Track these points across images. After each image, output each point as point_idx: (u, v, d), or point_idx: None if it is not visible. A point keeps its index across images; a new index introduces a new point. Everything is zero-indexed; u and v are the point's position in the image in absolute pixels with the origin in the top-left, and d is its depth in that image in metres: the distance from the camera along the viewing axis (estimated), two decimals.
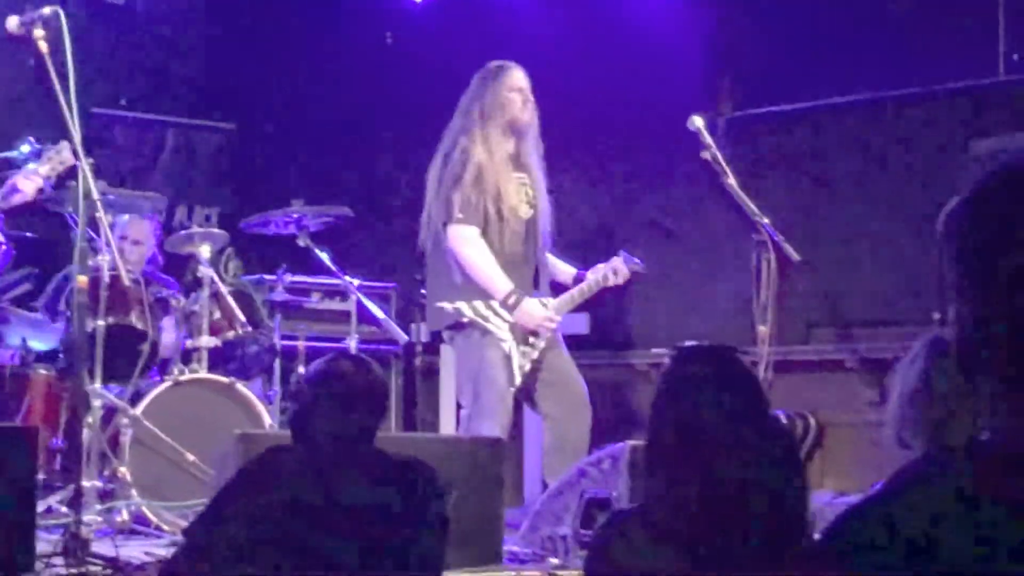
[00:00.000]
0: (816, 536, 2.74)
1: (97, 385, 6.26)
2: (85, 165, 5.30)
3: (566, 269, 6.66)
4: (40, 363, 6.68)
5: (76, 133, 5.30)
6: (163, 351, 6.91)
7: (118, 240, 6.82)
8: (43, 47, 5.29)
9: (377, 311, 7.00)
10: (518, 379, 6.30)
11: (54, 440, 6.45)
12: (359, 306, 7.17)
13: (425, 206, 6.42)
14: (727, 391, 2.86)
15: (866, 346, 7.77)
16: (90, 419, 6.10)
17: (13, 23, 5.39)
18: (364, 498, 3.54)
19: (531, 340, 6.34)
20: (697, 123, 6.15)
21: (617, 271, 6.50)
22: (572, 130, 7.54)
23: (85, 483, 5.61)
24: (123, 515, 6.16)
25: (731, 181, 6.15)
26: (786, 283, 6.30)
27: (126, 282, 6.24)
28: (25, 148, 6.23)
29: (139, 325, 6.72)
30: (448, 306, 6.33)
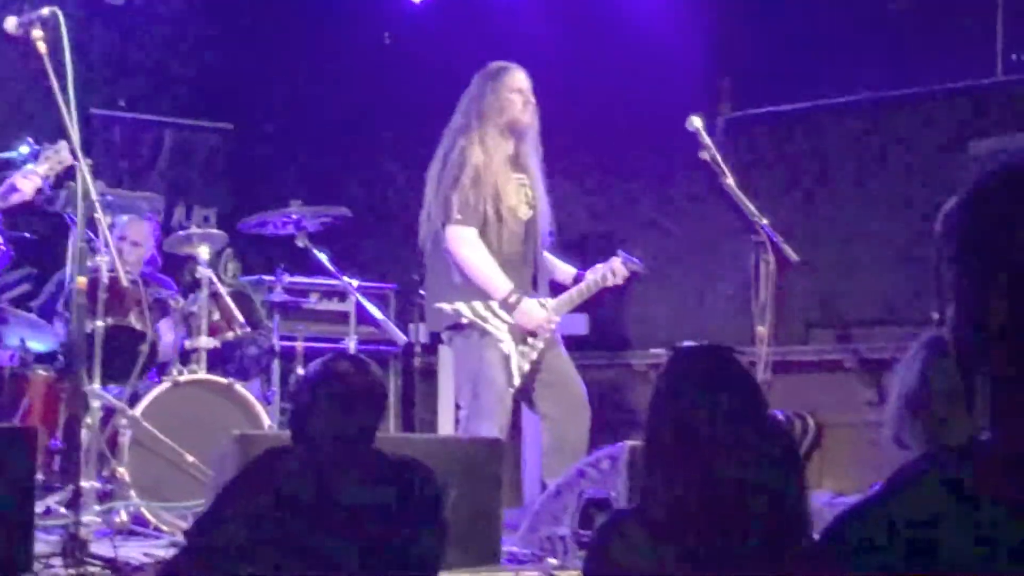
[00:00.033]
0: (815, 536, 2.74)
1: (96, 386, 6.26)
2: (84, 166, 5.30)
3: (565, 269, 6.66)
4: (39, 364, 6.67)
5: (75, 134, 5.30)
6: (161, 355, 6.92)
7: (117, 241, 6.82)
8: (42, 48, 5.29)
9: (376, 312, 7.00)
10: (517, 380, 6.30)
11: (53, 441, 6.45)
12: (358, 307, 7.18)
13: (424, 206, 6.42)
14: (724, 391, 2.86)
15: (865, 346, 7.77)
16: (89, 420, 6.10)
17: (11, 24, 5.38)
18: (363, 498, 3.54)
19: (530, 341, 6.33)
20: (696, 123, 6.15)
21: (616, 271, 6.50)
22: (571, 130, 7.54)
23: (84, 484, 5.61)
24: (122, 516, 6.15)
25: (730, 181, 6.15)
26: (785, 283, 6.31)
27: (125, 283, 6.23)
28: (24, 149, 6.22)
29: (138, 326, 6.72)
30: (447, 307, 6.32)
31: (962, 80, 7.71)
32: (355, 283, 7.08)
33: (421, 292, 6.83)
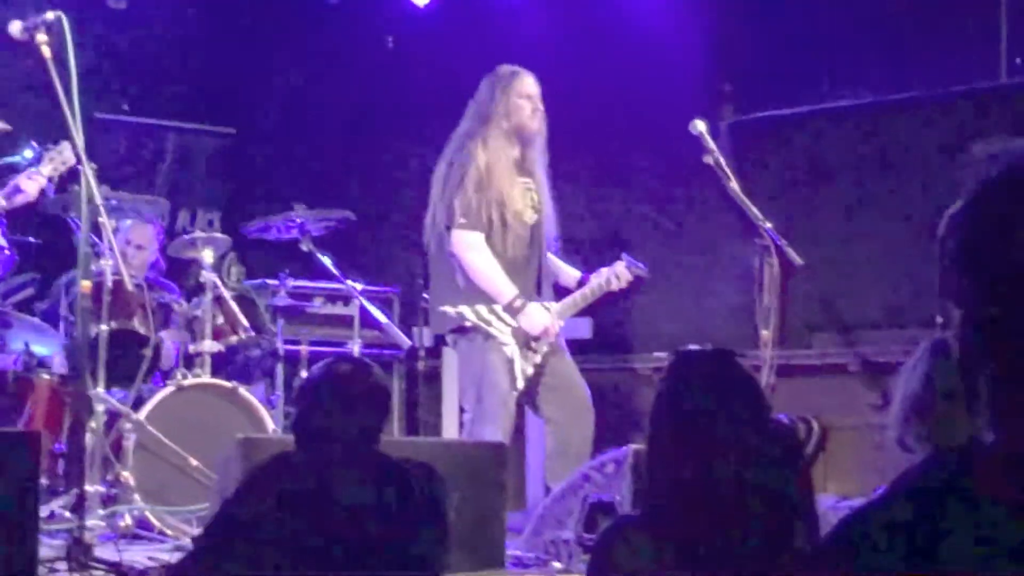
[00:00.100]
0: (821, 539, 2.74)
1: (100, 390, 6.26)
2: (88, 170, 5.30)
3: (569, 272, 6.66)
4: (43, 368, 6.68)
5: (79, 138, 5.31)
6: (164, 361, 6.93)
7: (121, 245, 6.83)
8: (46, 52, 5.29)
9: (380, 315, 7.00)
10: (520, 383, 6.30)
11: (57, 445, 6.45)
12: (362, 310, 7.18)
13: (429, 208, 6.41)
14: (727, 395, 2.86)
15: (868, 349, 7.77)
16: (93, 424, 6.10)
17: (16, 28, 5.39)
18: (363, 498, 3.54)
19: (533, 344, 6.33)
20: (699, 127, 6.15)
21: (619, 275, 6.50)
22: (574, 134, 7.54)
23: (88, 488, 5.61)
24: (126, 520, 6.16)
25: (733, 185, 6.15)
26: (788, 287, 6.30)
27: (129, 287, 6.24)
28: (28, 153, 6.24)
29: (142, 330, 6.72)
30: (451, 310, 6.32)
31: (965, 83, 7.72)
32: (359, 287, 7.09)
33: (425, 296, 6.83)
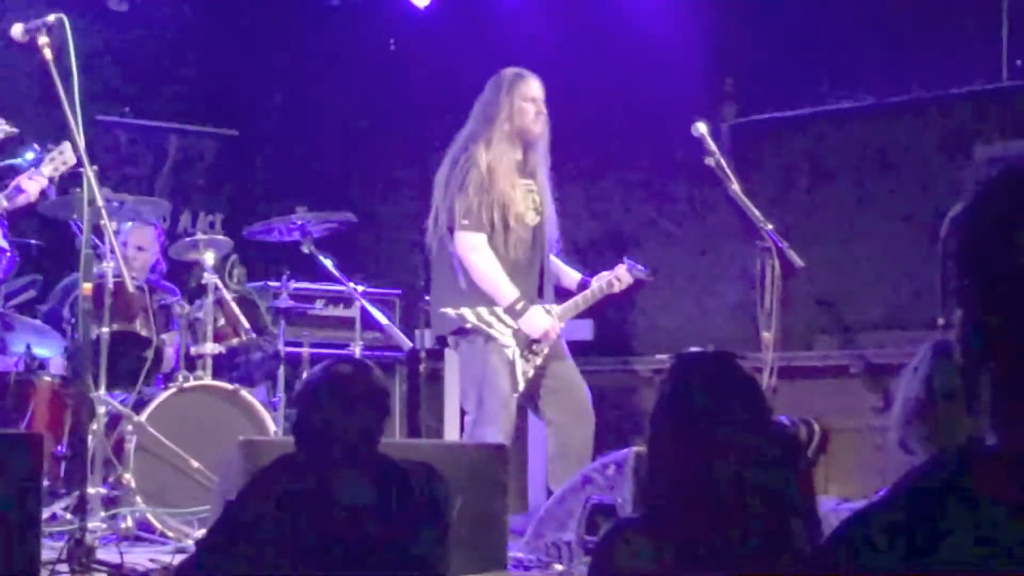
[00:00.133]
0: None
1: (102, 392, 6.26)
2: (90, 172, 5.31)
3: (571, 275, 6.66)
4: (44, 370, 6.68)
5: (80, 140, 5.31)
6: (166, 363, 6.93)
7: (121, 247, 6.83)
8: (47, 54, 5.30)
9: (381, 317, 7.00)
10: (521, 385, 6.30)
11: (59, 447, 6.46)
12: (363, 312, 7.18)
13: (432, 209, 6.41)
14: (727, 396, 2.86)
15: (870, 351, 7.76)
16: (95, 426, 6.09)
17: (18, 31, 5.40)
18: (365, 500, 3.54)
19: (534, 346, 6.33)
20: (701, 129, 6.15)
21: (621, 278, 6.50)
22: (575, 136, 7.54)
23: (90, 490, 5.62)
24: (128, 522, 6.16)
25: (735, 187, 6.15)
26: (789, 289, 6.30)
27: (130, 289, 6.24)
28: (29, 155, 6.25)
29: (143, 332, 6.73)
30: (452, 311, 6.32)
31: (966, 85, 7.71)
32: (360, 289, 7.09)
33: (427, 297, 6.83)
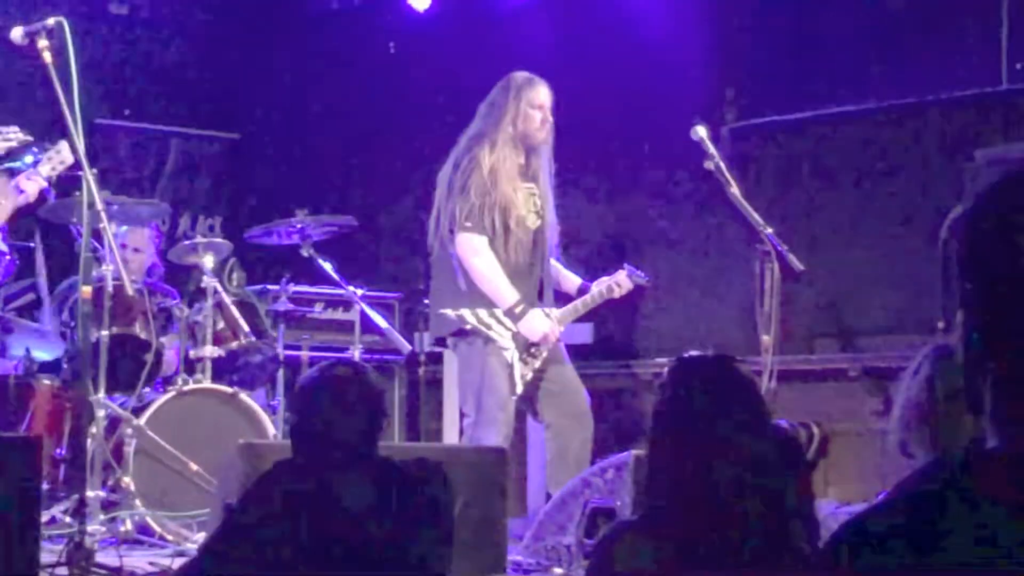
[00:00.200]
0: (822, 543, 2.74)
1: (101, 395, 6.26)
2: (89, 175, 5.31)
3: (571, 279, 6.66)
4: (44, 373, 6.68)
5: (80, 143, 5.31)
6: (166, 368, 6.93)
7: (119, 249, 6.83)
8: (47, 58, 5.30)
9: (381, 321, 7.01)
10: (520, 388, 6.29)
11: (58, 450, 6.46)
12: (363, 316, 7.18)
13: (433, 210, 6.40)
14: (727, 399, 2.86)
15: (870, 355, 7.76)
16: (94, 429, 6.09)
17: (18, 34, 5.40)
18: (366, 501, 3.54)
19: (533, 350, 6.33)
20: (701, 133, 6.15)
21: (620, 284, 6.49)
22: (575, 140, 7.53)
23: (89, 493, 5.61)
24: (127, 525, 6.16)
25: (735, 191, 6.15)
26: (789, 292, 6.30)
27: (130, 292, 6.24)
28: (28, 159, 6.25)
29: (143, 335, 6.73)
30: (451, 313, 6.31)
31: (966, 89, 7.71)
32: (360, 292, 7.09)
33: (426, 301, 6.83)
